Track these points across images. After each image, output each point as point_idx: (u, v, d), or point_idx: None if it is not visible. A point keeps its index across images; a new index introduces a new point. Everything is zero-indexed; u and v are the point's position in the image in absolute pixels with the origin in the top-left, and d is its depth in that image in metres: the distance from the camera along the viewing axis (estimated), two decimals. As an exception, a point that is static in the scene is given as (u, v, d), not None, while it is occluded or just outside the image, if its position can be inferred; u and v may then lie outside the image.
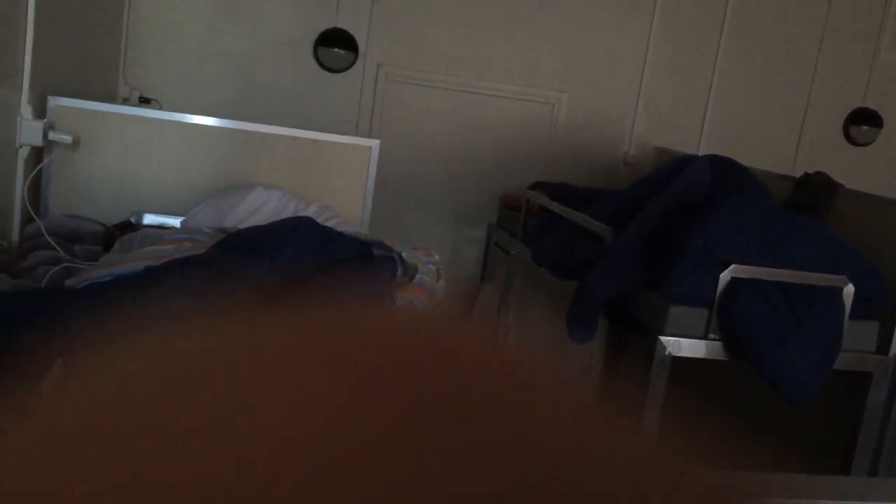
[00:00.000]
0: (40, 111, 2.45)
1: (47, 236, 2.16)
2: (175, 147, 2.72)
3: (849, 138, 4.31)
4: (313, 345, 0.22)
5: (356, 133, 3.76)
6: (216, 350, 0.22)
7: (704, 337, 2.53)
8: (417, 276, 1.81)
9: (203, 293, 1.30)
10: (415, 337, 0.23)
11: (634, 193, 3.07)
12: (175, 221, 2.49)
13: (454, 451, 0.18)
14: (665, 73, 4.17)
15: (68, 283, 1.77)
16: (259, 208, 2.32)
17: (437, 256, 2.05)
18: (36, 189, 2.50)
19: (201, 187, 2.67)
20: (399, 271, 1.70)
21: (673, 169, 3.04)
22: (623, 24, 4.10)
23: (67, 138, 2.46)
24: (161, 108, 3.40)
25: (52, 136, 2.43)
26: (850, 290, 2.48)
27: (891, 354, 2.62)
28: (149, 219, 2.53)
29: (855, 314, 2.50)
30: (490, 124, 4.10)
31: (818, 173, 3.11)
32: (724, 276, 2.48)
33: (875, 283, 2.56)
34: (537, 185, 3.75)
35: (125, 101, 3.60)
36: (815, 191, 3.02)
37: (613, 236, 2.79)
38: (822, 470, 2.70)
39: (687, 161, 3.05)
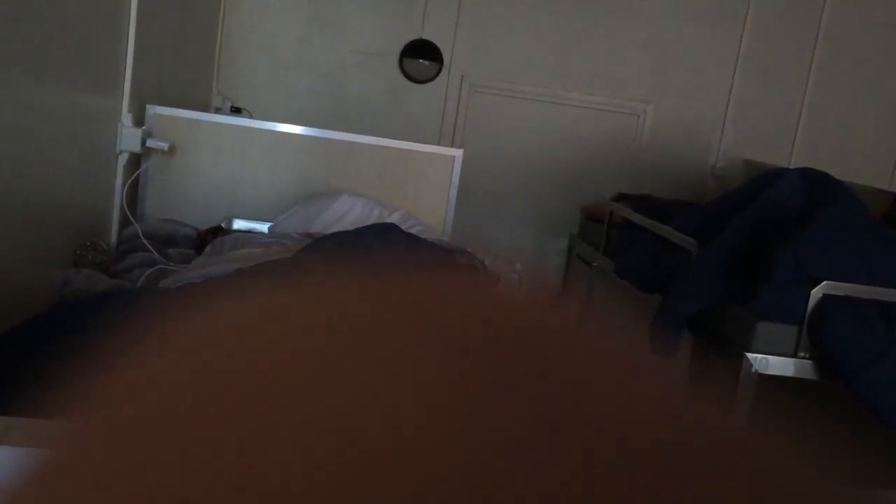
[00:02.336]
0: (139, 119, 2.55)
1: (143, 239, 2.25)
2: (264, 155, 2.79)
3: (952, 151, 4.12)
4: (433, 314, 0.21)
5: (439, 142, 3.79)
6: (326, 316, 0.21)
7: (794, 355, 2.45)
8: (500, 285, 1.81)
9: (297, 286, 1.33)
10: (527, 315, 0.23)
11: (722, 207, 3.01)
12: (263, 227, 2.56)
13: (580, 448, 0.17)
14: (756, 83, 4.06)
15: (163, 283, 1.84)
16: (344, 215, 2.36)
17: (519, 266, 2.05)
18: (134, 194, 2.60)
19: (289, 194, 2.74)
20: (482, 279, 1.70)
21: (763, 182, 2.96)
22: (711, 33, 4.02)
23: (164, 145, 2.56)
24: (251, 118, 3.50)
25: (149, 142, 2.53)
26: (951, 309, 2.37)
27: None
28: (238, 224, 2.60)
29: (956, 335, 2.38)
30: (573, 135, 4.08)
31: (918, 188, 2.98)
32: (816, 293, 2.40)
33: (979, 304, 2.44)
34: (621, 197, 3.71)
35: (218, 110, 3.72)
36: (914, 206, 2.90)
37: (699, 250, 2.73)
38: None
39: (778, 174, 2.97)
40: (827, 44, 4.05)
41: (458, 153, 2.80)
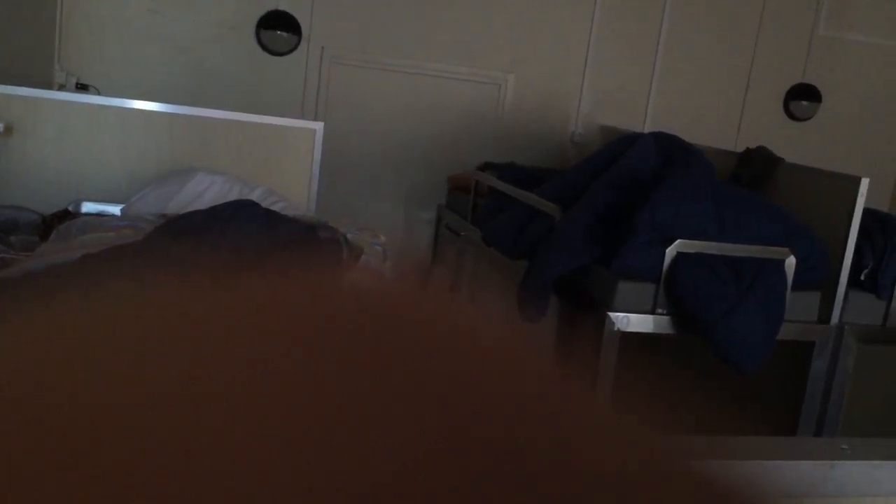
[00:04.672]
0: (-31, 98, 2.37)
1: (-19, 227, 2.10)
2: (114, 133, 2.65)
3: (789, 113, 4.39)
4: (275, 312, 0.21)
5: (302, 116, 3.72)
6: (164, 317, 0.20)
7: (653, 312, 2.56)
8: (363, 257, 1.80)
9: (142, 280, 1.27)
10: (385, 304, 0.22)
11: (582, 172, 3.09)
12: (115, 209, 2.44)
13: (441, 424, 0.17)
14: (610, 53, 4.19)
15: (2, 274, 1.72)
16: (202, 194, 2.28)
17: (383, 238, 2.04)
18: (-32, 179, 2.42)
19: (142, 174, 2.62)
20: (344, 253, 1.68)
21: (619, 147, 3.06)
22: (568, 4, 4.11)
23: (-1, 126, 2.39)
24: (100, 95, 3.32)
25: (-18, 124, 2.35)
26: (791, 261, 2.53)
27: (832, 323, 2.68)
28: (88, 207, 2.46)
29: (797, 285, 2.56)
30: (438, 105, 4.09)
31: (759, 148, 3.16)
32: (671, 251, 2.51)
33: (816, 255, 2.61)
34: (486, 166, 3.75)
35: (62, 88, 3.50)
36: (756, 165, 3.07)
37: (562, 215, 2.80)
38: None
39: (632, 139, 3.07)
40: (674, 14, 4.22)
41: (319, 126, 2.75)
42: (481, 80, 4.10)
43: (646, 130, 3.70)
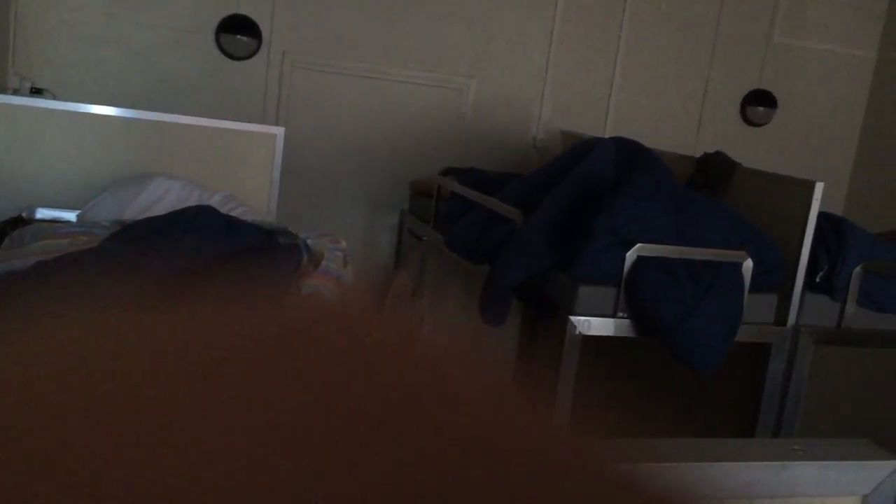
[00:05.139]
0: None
1: (-70, 234, 2.05)
2: (70, 138, 2.61)
3: (745, 119, 4.46)
4: (213, 341, 0.21)
5: (263, 121, 3.69)
6: (105, 348, 0.20)
7: (613, 315, 2.58)
8: (323, 262, 1.79)
9: (97, 287, 1.25)
10: (321, 329, 0.23)
11: (543, 177, 3.11)
12: (71, 215, 2.40)
13: (364, 446, 0.18)
14: (570, 59, 4.22)
15: (-47, 282, 1.68)
16: (160, 199, 2.25)
17: (344, 243, 2.03)
18: (-83, 185, 2.37)
19: (99, 179, 2.58)
20: (304, 259, 1.67)
21: (580, 152, 3.08)
22: (529, 10, 4.13)
23: (-50, 131, 2.33)
24: (55, 99, 3.26)
25: (-68, 128, 2.30)
26: (749, 264, 2.57)
27: (788, 325, 2.72)
28: (42, 213, 2.42)
29: (754, 288, 2.59)
30: (400, 111, 4.08)
31: (717, 153, 3.21)
32: (631, 255, 2.53)
33: (772, 258, 2.66)
34: (448, 171, 3.76)
35: (16, 92, 3.43)
36: (714, 170, 3.12)
37: (524, 220, 2.81)
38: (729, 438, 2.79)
39: (593, 144, 3.09)
40: (634, 20, 4.26)
41: (279, 131, 2.73)
42: (443, 85, 4.11)
43: (606, 135, 3.74)
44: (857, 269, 2.74)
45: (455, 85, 4.12)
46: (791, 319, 2.73)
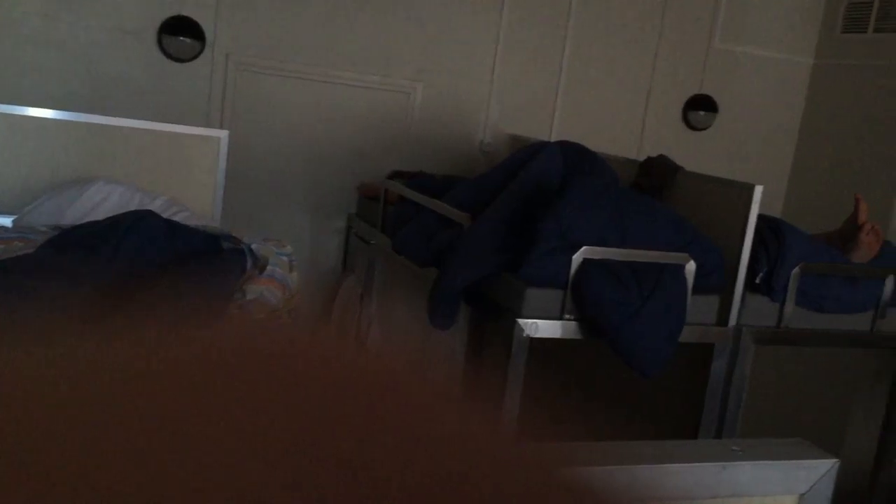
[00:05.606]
0: None
1: None
2: (6, 141, 2.54)
3: (687, 123, 4.55)
4: (145, 365, 0.21)
5: (207, 125, 3.63)
6: (37, 368, 0.20)
7: (560, 317, 2.60)
8: (269, 267, 1.76)
9: (33, 296, 1.22)
10: (263, 353, 0.23)
11: (490, 180, 3.12)
12: (7, 220, 2.33)
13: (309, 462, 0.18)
14: (516, 63, 4.25)
15: None
16: (99, 204, 2.20)
17: (289, 247, 2.01)
18: None
19: (36, 184, 2.51)
20: (248, 264, 1.65)
21: (526, 155, 3.10)
22: (475, 14, 4.15)
23: None
24: (-11, 101, 3.16)
25: None
26: (692, 266, 2.62)
27: (730, 326, 2.78)
28: (-24, 219, 2.35)
29: (697, 289, 2.64)
30: (347, 114, 4.06)
31: (660, 157, 3.26)
32: (577, 258, 2.56)
33: (714, 260, 2.71)
34: (396, 175, 3.75)
35: (-52, 94, 3.32)
36: (657, 173, 3.17)
37: (471, 223, 2.82)
38: (674, 439, 2.84)
39: (539, 148, 3.12)
40: (578, 25, 4.31)
41: (223, 134, 2.70)
42: (390, 88, 4.10)
43: (552, 139, 3.78)
44: (796, 270, 2.81)
45: (402, 88, 4.12)
46: (732, 320, 2.78)
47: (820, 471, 0.73)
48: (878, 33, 4.27)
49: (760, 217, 2.76)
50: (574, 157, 3.05)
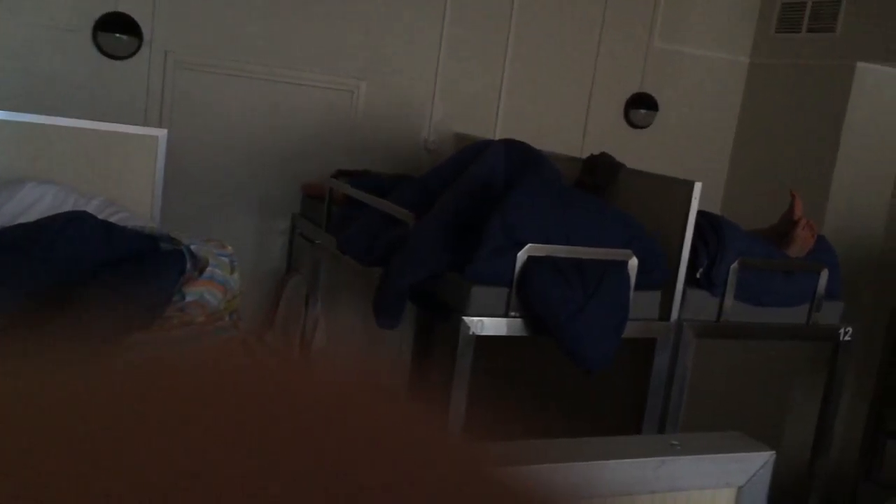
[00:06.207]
0: None
1: None
2: (-68, 141, 2.45)
3: (629, 121, 4.61)
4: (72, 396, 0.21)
5: (145, 124, 3.55)
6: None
7: (506, 315, 2.61)
8: (209, 269, 1.73)
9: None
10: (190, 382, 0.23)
11: (435, 179, 3.12)
12: (-66, 224, 2.24)
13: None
14: (460, 61, 4.26)
15: None
16: (32, 205, 2.13)
17: (230, 248, 1.98)
18: None
19: (-35, 185, 2.43)
20: (188, 265, 1.61)
21: (470, 154, 3.11)
22: (418, 12, 4.14)
23: None
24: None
25: None
26: (634, 262, 2.65)
27: (671, 320, 2.83)
28: None
29: (640, 285, 2.68)
30: (290, 113, 4.02)
31: (602, 154, 3.30)
32: (521, 256, 2.57)
33: (656, 256, 2.75)
34: (340, 174, 3.73)
35: None
36: (600, 171, 3.20)
37: (416, 222, 2.81)
38: (618, 433, 2.87)
39: (483, 146, 3.13)
40: (521, 23, 4.33)
41: (161, 133, 2.65)
42: (334, 87, 4.07)
43: (496, 137, 3.79)
44: (734, 265, 2.87)
45: (345, 87, 4.09)
46: (674, 315, 2.83)
47: (757, 463, 0.74)
48: (810, 33, 4.39)
49: (700, 213, 2.81)
50: (518, 156, 3.06)
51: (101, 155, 2.59)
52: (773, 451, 0.80)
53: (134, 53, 3.70)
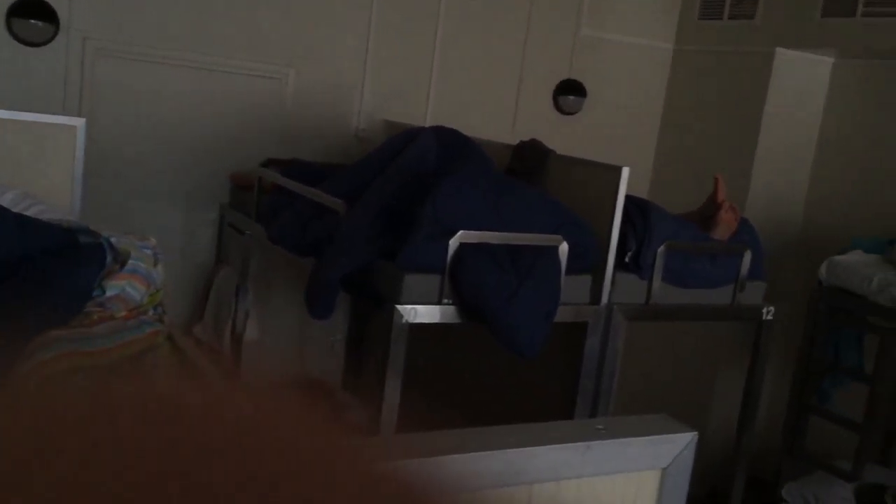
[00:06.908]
0: None
1: None
2: None
3: (558, 108, 4.65)
4: None
5: (63, 113, 3.43)
6: None
7: (439, 302, 2.61)
8: (130, 262, 1.68)
9: None
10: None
11: (366, 168, 3.10)
12: None
13: None
14: (389, 48, 4.23)
15: None
16: (-59, 199, 2.04)
17: (153, 240, 1.93)
18: None
19: None
20: (108, 259, 1.57)
21: (401, 142, 3.09)
22: (346, -2, 4.10)
23: None
24: None
25: None
26: (564, 247, 2.68)
27: (602, 304, 2.87)
28: None
29: (570, 270, 2.71)
30: (217, 101, 3.93)
31: (532, 141, 3.32)
32: (453, 243, 2.57)
33: (586, 241, 2.79)
34: (270, 163, 3.67)
35: None
36: (530, 157, 3.23)
37: (347, 211, 2.79)
38: (552, 418, 2.91)
39: (414, 133, 3.12)
40: (450, 11, 4.32)
41: (80, 123, 2.56)
42: (262, 74, 4.00)
43: (427, 125, 3.78)
44: (661, 248, 2.93)
45: (274, 74, 4.02)
46: (604, 298, 2.87)
47: (680, 444, 0.76)
48: (732, 20, 4.49)
49: (628, 198, 2.85)
50: (449, 143, 3.06)
51: (16, 145, 2.49)
52: (696, 432, 0.82)
53: (50, 40, 3.57)
